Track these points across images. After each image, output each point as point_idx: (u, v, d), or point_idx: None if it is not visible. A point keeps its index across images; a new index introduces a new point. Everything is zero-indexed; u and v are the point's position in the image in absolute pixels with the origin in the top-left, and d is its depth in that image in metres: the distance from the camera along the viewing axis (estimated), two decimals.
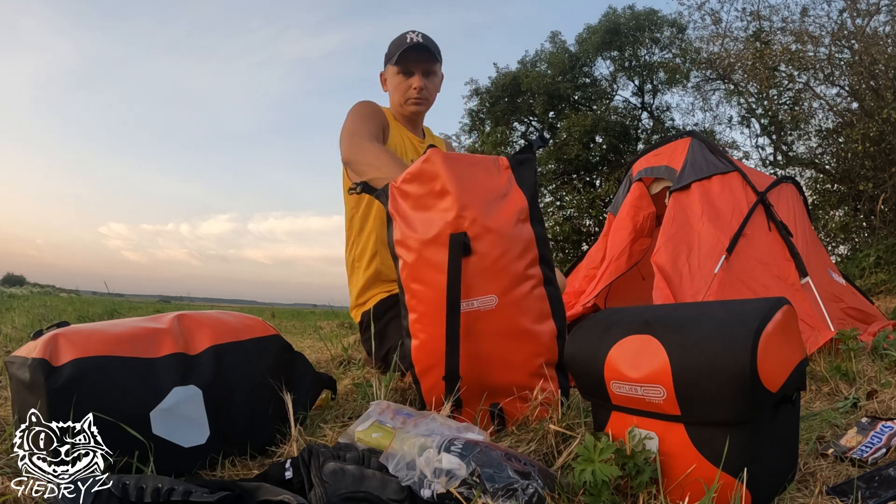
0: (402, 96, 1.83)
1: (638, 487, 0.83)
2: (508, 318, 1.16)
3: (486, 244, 1.14)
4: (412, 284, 1.20)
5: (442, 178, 1.17)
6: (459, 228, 1.14)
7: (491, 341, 1.16)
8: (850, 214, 7.28)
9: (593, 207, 9.92)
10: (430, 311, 1.17)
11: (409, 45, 1.76)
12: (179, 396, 0.98)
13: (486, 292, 1.15)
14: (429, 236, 1.16)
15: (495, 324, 1.15)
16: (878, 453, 1.01)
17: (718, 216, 2.28)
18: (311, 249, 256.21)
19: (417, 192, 1.21)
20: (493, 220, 1.16)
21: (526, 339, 1.17)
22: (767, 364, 0.77)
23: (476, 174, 1.21)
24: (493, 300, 1.15)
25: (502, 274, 1.15)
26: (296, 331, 3.67)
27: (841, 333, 1.79)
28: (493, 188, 1.20)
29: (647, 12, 10.46)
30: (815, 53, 6.90)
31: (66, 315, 3.81)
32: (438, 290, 1.14)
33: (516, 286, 1.16)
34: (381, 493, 0.78)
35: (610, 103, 11.18)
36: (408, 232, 1.20)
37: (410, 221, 1.21)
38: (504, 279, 1.15)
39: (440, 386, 1.18)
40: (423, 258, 1.17)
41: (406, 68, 1.80)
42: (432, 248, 1.16)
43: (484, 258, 1.14)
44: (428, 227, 1.17)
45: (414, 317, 1.21)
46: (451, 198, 1.15)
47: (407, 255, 1.20)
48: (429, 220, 1.18)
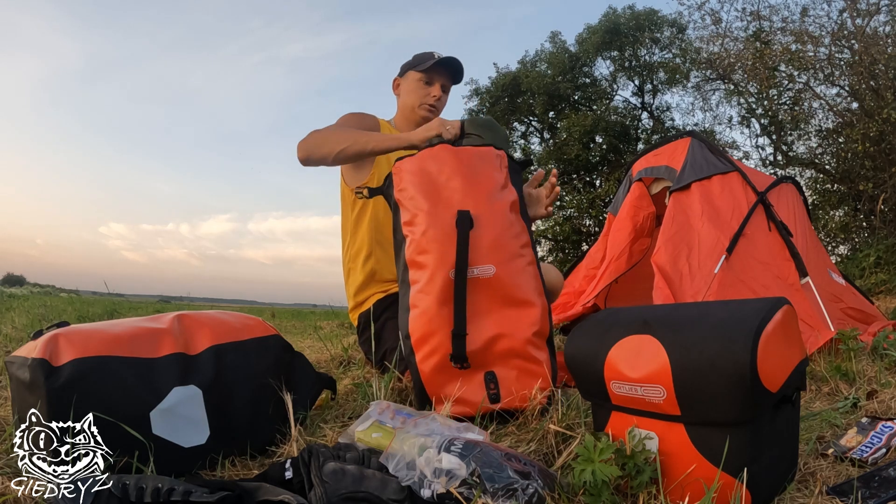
0: (419, 100, 1.87)
1: (638, 487, 0.83)
2: (505, 287, 1.26)
3: (487, 222, 1.27)
4: (417, 257, 1.28)
5: (451, 167, 1.31)
6: (465, 207, 1.27)
7: (488, 306, 1.25)
8: (850, 214, 7.28)
9: (593, 207, 9.93)
10: (430, 279, 1.25)
11: (442, 58, 1.84)
12: (179, 396, 0.98)
13: (486, 262, 1.26)
14: (436, 212, 1.27)
15: (493, 290, 1.26)
16: (878, 453, 1.01)
17: (718, 216, 2.28)
18: (311, 249, 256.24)
19: (424, 177, 1.31)
20: (494, 205, 1.30)
21: (521, 307, 1.26)
22: (767, 364, 0.77)
23: (482, 167, 1.34)
24: (491, 269, 1.26)
25: (500, 248, 1.28)
26: (296, 331, 3.67)
27: (841, 333, 1.79)
28: (495, 180, 1.34)
29: (647, 12, 10.47)
30: (815, 53, 6.91)
31: (66, 315, 3.81)
32: (440, 259, 1.24)
33: (512, 260, 1.28)
34: (381, 493, 0.78)
35: (610, 103, 11.19)
36: (415, 210, 1.30)
37: (418, 200, 1.30)
38: (502, 252, 1.27)
39: (435, 356, 1.23)
40: (429, 232, 1.26)
41: (430, 77, 1.87)
42: (439, 222, 1.26)
43: (485, 233, 1.27)
44: (435, 204, 1.28)
45: (416, 287, 1.27)
46: (458, 183, 1.30)
47: (413, 233, 1.29)
48: (436, 200, 1.29)
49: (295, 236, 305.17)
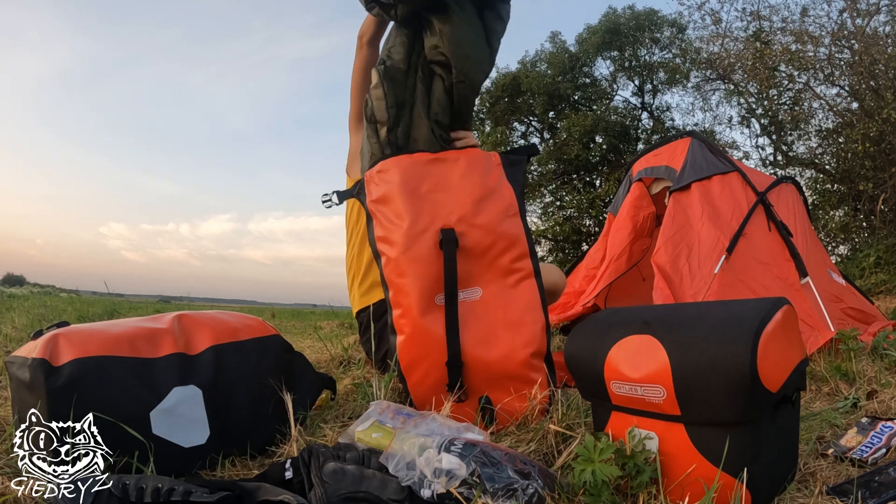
0: None
1: (638, 487, 0.83)
2: (493, 310, 1.19)
3: (472, 240, 1.19)
4: (396, 279, 1.20)
5: (433, 176, 1.21)
6: (447, 224, 1.18)
7: (476, 331, 1.18)
8: (850, 214, 7.28)
9: (593, 207, 9.92)
10: (413, 305, 1.18)
11: None
12: (179, 396, 0.98)
13: (471, 285, 1.19)
14: (415, 230, 1.18)
15: (481, 314, 1.19)
16: (878, 453, 1.01)
17: (718, 216, 2.28)
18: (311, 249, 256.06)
19: (404, 187, 1.21)
20: (481, 217, 1.21)
21: (514, 328, 1.19)
22: (767, 364, 0.77)
23: (466, 173, 1.24)
24: (477, 292, 1.19)
25: (487, 268, 1.20)
26: (296, 331, 3.67)
27: (841, 333, 1.79)
28: (483, 185, 1.24)
29: (647, 12, 10.46)
30: (815, 53, 6.90)
31: (66, 315, 3.81)
32: (423, 282, 1.16)
33: (502, 279, 1.21)
34: (381, 494, 0.78)
35: (610, 103, 11.18)
36: (390, 227, 1.20)
37: (392, 217, 1.21)
38: (489, 272, 1.20)
39: (426, 382, 1.19)
40: (408, 252, 1.18)
41: None
42: (418, 242, 1.17)
43: (469, 253, 1.19)
44: (414, 221, 1.18)
45: (398, 312, 1.21)
46: (441, 195, 1.20)
47: (390, 251, 1.21)
48: (415, 215, 1.19)
49: (295, 236, 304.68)
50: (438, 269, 1.17)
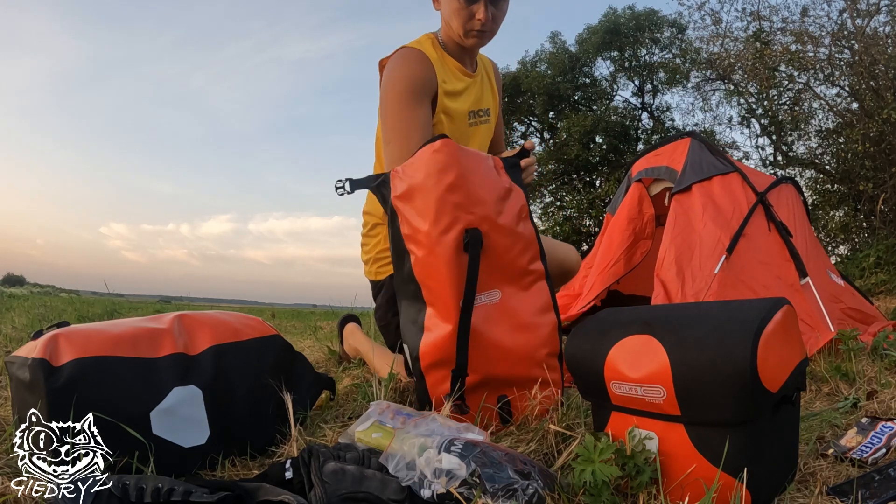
0: (462, 27, 1.47)
1: (638, 487, 0.83)
2: (512, 312, 1.19)
3: (494, 240, 1.17)
4: (427, 280, 1.18)
5: (454, 173, 1.14)
6: (471, 224, 1.14)
7: (497, 334, 1.17)
8: (850, 214, 7.29)
9: (593, 207, 9.92)
10: (445, 305, 1.15)
11: None
12: (179, 396, 0.98)
13: (492, 287, 1.18)
14: (439, 230, 1.13)
15: (500, 317, 1.18)
16: (878, 453, 1.01)
17: (720, 215, 2.28)
18: (311, 249, 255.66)
19: (427, 183, 1.15)
20: (502, 217, 1.19)
21: (529, 330, 1.20)
22: (767, 364, 0.77)
23: (485, 171, 1.22)
24: (497, 294, 1.18)
25: (507, 269, 1.19)
26: (296, 331, 3.66)
27: (841, 334, 1.79)
28: (500, 186, 1.22)
29: (647, 12, 10.47)
30: (815, 54, 6.91)
31: (66, 315, 3.81)
32: (449, 285, 1.14)
33: (519, 280, 1.20)
34: (381, 494, 0.78)
35: (610, 103, 11.19)
36: (416, 226, 1.17)
37: (418, 215, 1.17)
38: (508, 274, 1.19)
39: (446, 383, 1.17)
40: (434, 253, 1.14)
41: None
42: (443, 242, 1.13)
43: (491, 254, 1.16)
44: (437, 220, 1.14)
45: (431, 311, 1.18)
46: (463, 192, 1.14)
47: (418, 250, 1.17)
48: (439, 213, 1.14)
49: (295, 236, 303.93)
50: (463, 271, 1.13)
